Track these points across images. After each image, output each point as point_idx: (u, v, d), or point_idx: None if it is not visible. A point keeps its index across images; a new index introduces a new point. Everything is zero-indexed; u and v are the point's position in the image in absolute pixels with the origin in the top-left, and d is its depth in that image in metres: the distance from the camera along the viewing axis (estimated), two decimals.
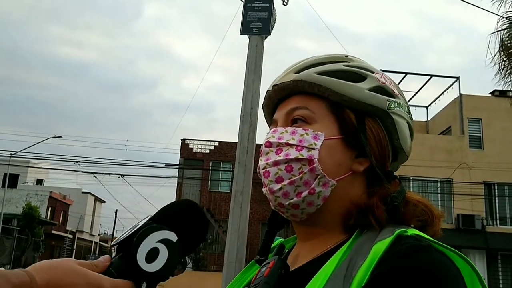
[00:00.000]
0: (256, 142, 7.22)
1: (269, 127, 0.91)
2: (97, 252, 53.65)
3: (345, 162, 0.78)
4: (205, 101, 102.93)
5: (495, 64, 7.28)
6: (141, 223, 0.68)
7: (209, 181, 26.80)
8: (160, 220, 0.68)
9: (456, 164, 18.50)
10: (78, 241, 49.17)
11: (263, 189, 0.80)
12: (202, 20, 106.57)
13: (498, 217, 19.58)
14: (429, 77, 21.04)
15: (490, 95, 21.19)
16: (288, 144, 0.77)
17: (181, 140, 27.24)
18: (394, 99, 0.82)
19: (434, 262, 0.61)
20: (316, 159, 0.75)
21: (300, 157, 0.75)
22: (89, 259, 0.70)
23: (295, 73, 0.82)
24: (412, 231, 0.67)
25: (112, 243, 0.67)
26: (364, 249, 0.67)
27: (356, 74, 0.81)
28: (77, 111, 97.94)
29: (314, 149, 0.76)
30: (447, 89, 21.39)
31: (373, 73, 0.83)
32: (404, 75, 20.36)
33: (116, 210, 46.21)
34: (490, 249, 18.25)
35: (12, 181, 37.23)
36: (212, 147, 27.16)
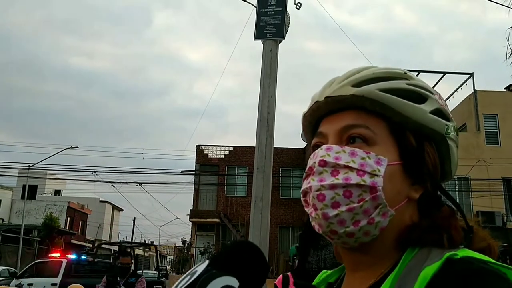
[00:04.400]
0: (274, 146, 7.19)
1: (307, 138, 0.86)
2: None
3: (403, 190, 0.73)
4: (217, 106, 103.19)
5: None
6: (199, 269, 0.64)
7: (225, 186, 26.85)
8: (219, 265, 0.64)
9: (473, 161, 18.29)
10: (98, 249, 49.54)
11: (309, 211, 0.74)
12: (211, 26, 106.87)
13: None
14: (442, 74, 20.87)
15: (505, 90, 20.96)
16: (347, 167, 0.71)
17: (196, 146, 27.39)
18: (450, 123, 0.78)
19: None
20: (380, 187, 0.70)
21: (362, 183, 0.70)
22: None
23: (353, 86, 0.76)
24: (462, 253, 0.63)
25: None
26: (413, 273, 0.64)
27: (418, 94, 0.77)
28: (91, 120, 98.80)
29: (377, 175, 0.70)
30: (461, 85, 21.21)
31: (433, 94, 0.79)
32: (417, 73, 20.19)
33: (134, 218, 46.38)
34: None
35: (31, 192, 37.65)
36: (227, 152, 27.23)
